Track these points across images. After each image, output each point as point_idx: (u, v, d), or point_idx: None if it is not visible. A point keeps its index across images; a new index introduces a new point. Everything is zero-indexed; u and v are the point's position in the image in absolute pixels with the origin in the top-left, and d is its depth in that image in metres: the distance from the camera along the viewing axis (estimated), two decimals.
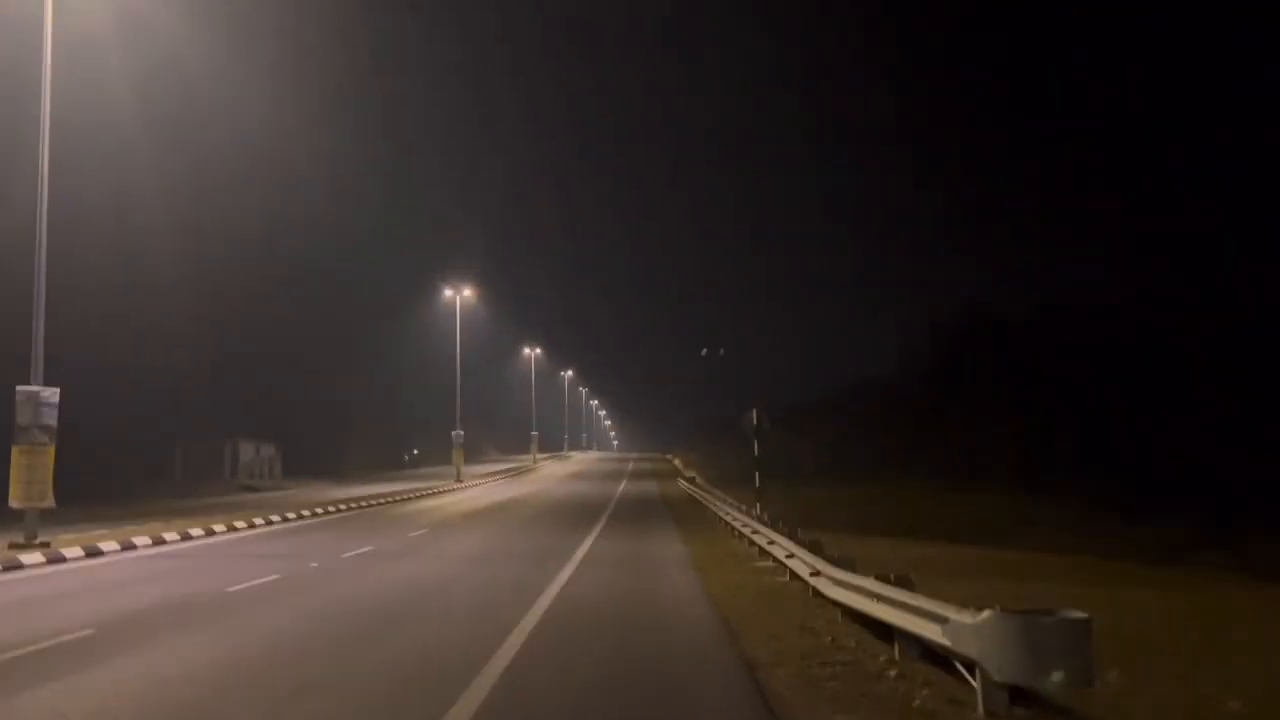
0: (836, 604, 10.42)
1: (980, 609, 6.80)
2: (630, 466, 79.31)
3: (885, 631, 8.99)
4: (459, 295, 58.16)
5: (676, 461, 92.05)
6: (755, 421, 26.92)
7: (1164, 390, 50.89)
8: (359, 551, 18.22)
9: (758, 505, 25.99)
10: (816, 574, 10.96)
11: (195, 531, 21.76)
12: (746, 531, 18.84)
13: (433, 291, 61.86)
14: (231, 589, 13.01)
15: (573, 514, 30.63)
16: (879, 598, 8.62)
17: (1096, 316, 63.00)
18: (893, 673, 8.05)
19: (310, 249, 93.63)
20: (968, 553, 21.29)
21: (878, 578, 8.94)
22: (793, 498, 38.15)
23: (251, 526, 24.44)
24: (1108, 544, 30.01)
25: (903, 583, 8.78)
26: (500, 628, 9.86)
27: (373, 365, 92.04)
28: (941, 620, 7.23)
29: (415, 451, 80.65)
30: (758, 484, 27.26)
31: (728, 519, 23.89)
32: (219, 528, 22.89)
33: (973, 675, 7.00)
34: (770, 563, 16.42)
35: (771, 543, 15.16)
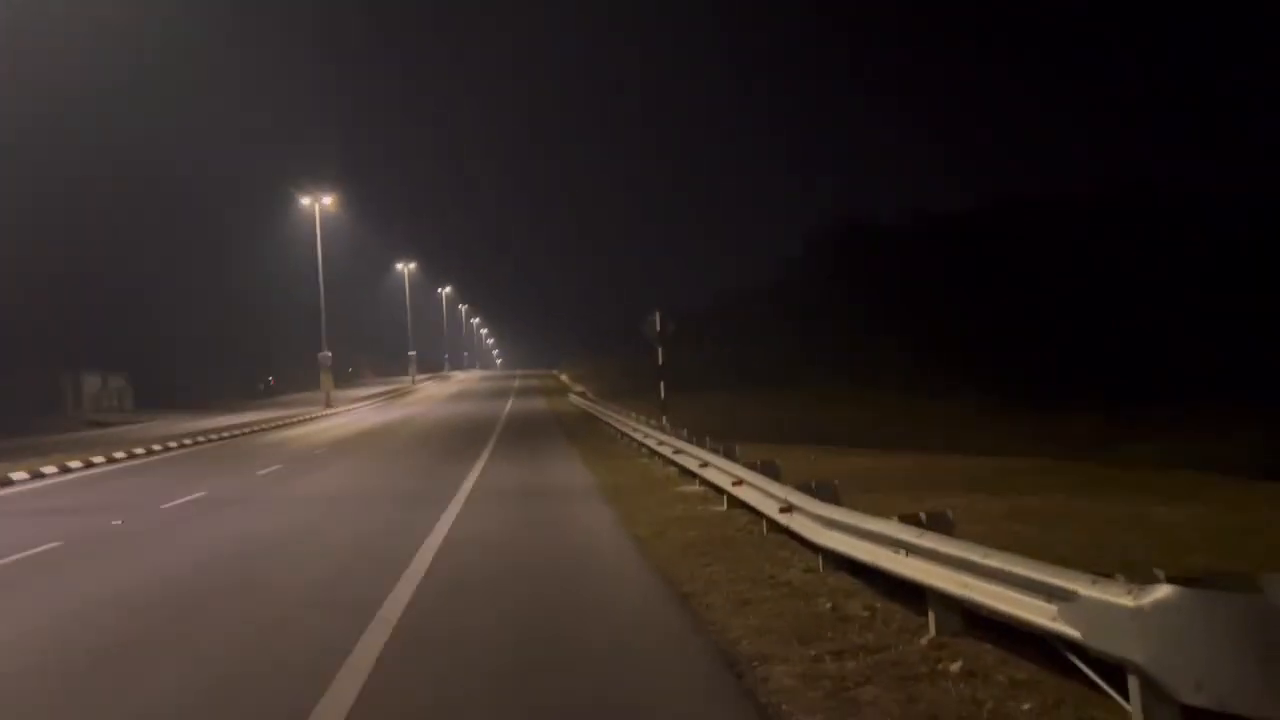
0: (820, 549, 7.61)
1: (1142, 584, 4.00)
2: (516, 384, 75.92)
3: (889, 582, 6.30)
4: (318, 204, 52.96)
5: (564, 377, 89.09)
6: (658, 326, 24.04)
7: (1027, 288, 50.86)
8: (186, 499, 14.63)
9: (664, 417, 23.26)
10: (788, 509, 8.09)
11: (17, 475, 17.67)
12: (664, 450, 16.00)
13: (290, 201, 56.28)
14: None
15: (455, 438, 27.34)
16: (915, 550, 5.78)
17: (963, 220, 63.07)
18: (954, 665, 5.26)
19: (154, 153, 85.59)
20: (904, 461, 19.01)
21: (902, 518, 6.10)
22: (695, 408, 35.74)
23: (64, 471, 20.37)
24: (1022, 440, 28.69)
25: (938, 523, 5.98)
26: (351, 621, 6.68)
27: (232, 285, 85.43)
28: (1063, 596, 4.43)
29: (271, 379, 75.34)
30: (663, 394, 24.46)
31: (633, 435, 21.07)
32: (18, 475, 18.80)
33: (1103, 677, 4.27)
34: (698, 486, 13.65)
35: (705, 464, 12.30)
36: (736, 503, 11.06)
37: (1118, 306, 46.51)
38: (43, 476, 19.36)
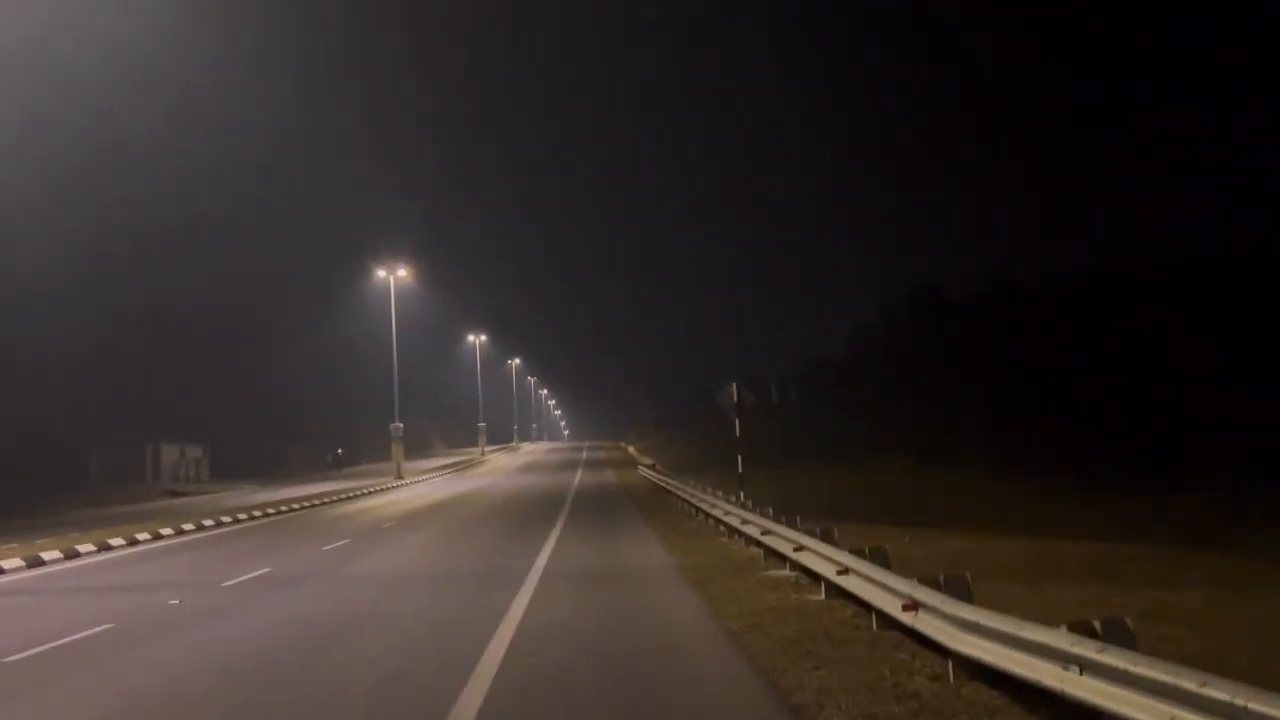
0: (951, 654, 6.54)
1: None
2: (584, 455, 75.21)
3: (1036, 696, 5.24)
4: (393, 275, 53.47)
5: (631, 449, 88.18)
6: (735, 397, 23.14)
7: (1117, 363, 48.80)
8: (249, 576, 13.97)
9: (740, 493, 22.19)
10: (912, 607, 7.03)
11: (49, 555, 17.28)
12: (749, 530, 14.94)
13: (365, 273, 56.99)
14: (9, 658, 8.76)
15: (526, 512, 26.54)
16: (1093, 668, 4.72)
17: (1041, 291, 61.28)
18: None
19: (230, 230, 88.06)
20: (1007, 545, 17.60)
21: (1072, 627, 5.05)
22: (769, 484, 34.49)
23: (132, 544, 19.98)
24: (1114, 525, 26.92)
25: (1116, 633, 4.94)
26: None
27: (308, 359, 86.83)
28: None
29: (340, 451, 75.74)
30: (740, 468, 23.43)
31: (711, 511, 20.01)
32: (85, 547, 18.44)
33: None
34: (789, 571, 12.59)
35: (799, 548, 11.24)
36: (836, 590, 9.99)
37: (1194, 384, 44.32)
38: (109, 549, 18.97)
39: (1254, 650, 7.44)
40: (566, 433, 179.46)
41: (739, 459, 23.33)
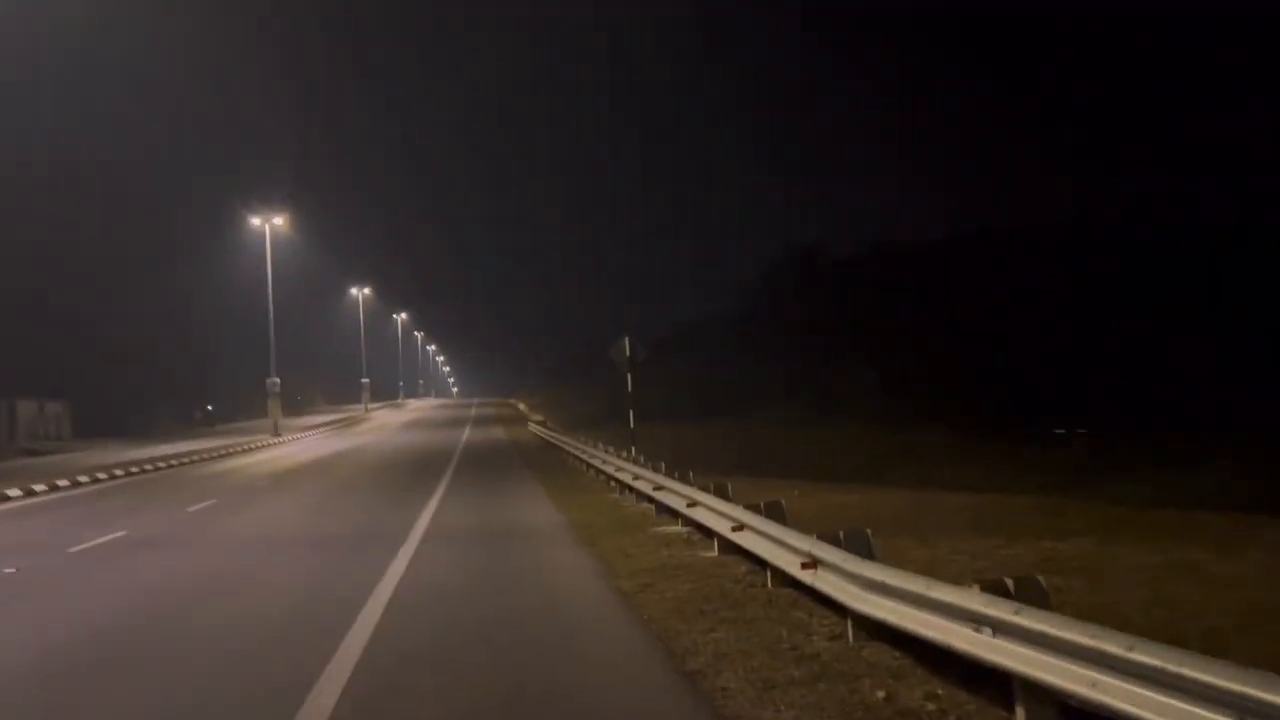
0: (854, 614, 6.21)
1: None
2: (473, 413, 73.98)
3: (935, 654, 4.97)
4: (268, 224, 51.05)
5: (522, 406, 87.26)
6: (628, 351, 22.67)
7: (994, 320, 50.48)
8: (100, 540, 12.86)
9: (632, 449, 21.83)
10: (811, 565, 6.68)
11: None
12: (640, 486, 14.55)
13: (239, 221, 54.25)
14: None
15: (410, 470, 25.66)
16: (1008, 630, 4.41)
17: (926, 251, 62.92)
18: None
19: (96, 162, 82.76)
20: (894, 498, 17.71)
21: (984, 586, 4.74)
22: (658, 438, 34.30)
23: (2, 500, 18.46)
24: (998, 476, 27.69)
25: (1030, 593, 4.65)
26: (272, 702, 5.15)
27: (178, 309, 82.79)
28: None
29: (209, 407, 72.82)
30: (632, 424, 23.05)
31: (602, 468, 19.59)
32: None
33: None
34: (680, 527, 12.27)
35: (693, 504, 10.89)
36: (729, 546, 9.67)
37: (1081, 339, 46.21)
38: None
39: (1140, 599, 7.38)
40: (455, 390, 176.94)
41: (630, 414, 22.94)
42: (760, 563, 8.54)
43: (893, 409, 45.72)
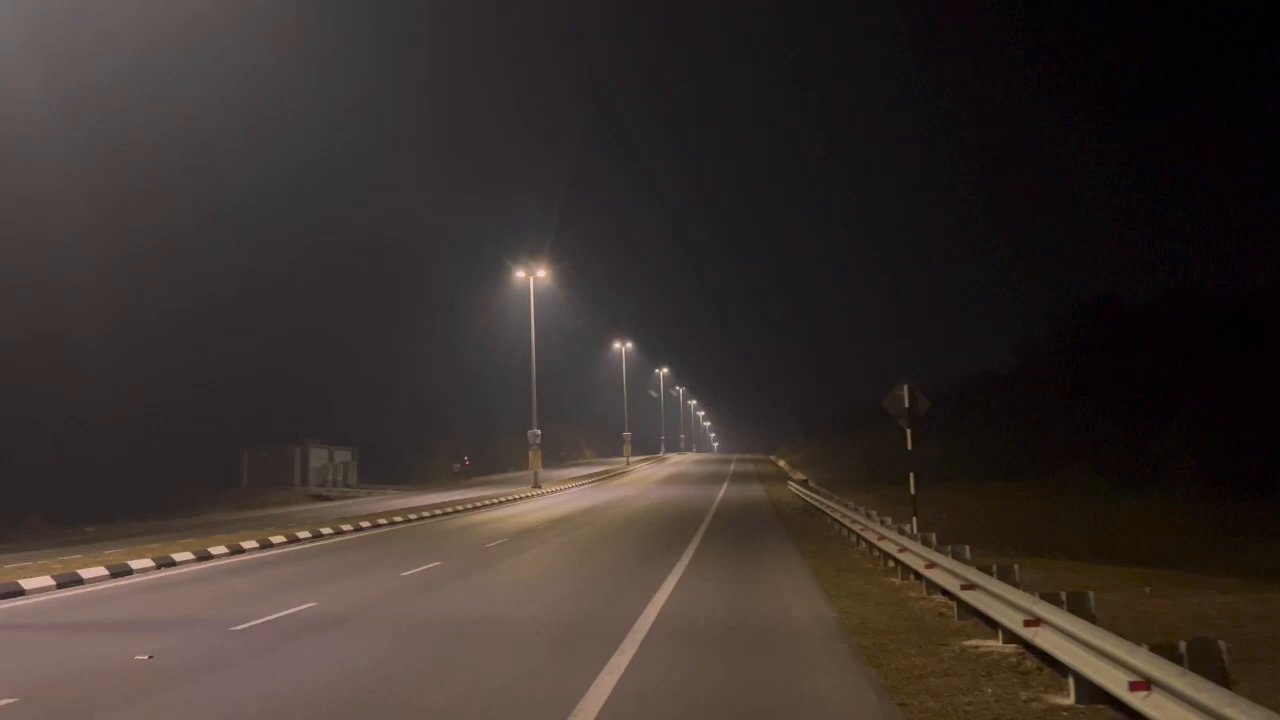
0: None
1: None
2: (731, 468, 71.30)
3: None
4: (533, 277, 51.18)
5: (782, 463, 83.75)
6: (906, 401, 18.90)
7: None
8: (276, 615, 10.90)
9: (914, 521, 18.01)
10: None
11: (89, 573, 14.83)
12: (939, 580, 10.93)
13: (503, 276, 55.01)
14: None
15: (658, 531, 23.06)
16: None
17: (1233, 302, 53.49)
18: None
19: (368, 228, 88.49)
20: None
21: None
22: (936, 503, 29.86)
23: (201, 559, 17.56)
24: None
25: None
26: None
27: (451, 367, 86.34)
28: None
29: (466, 460, 74.53)
30: (913, 488, 19.16)
31: (875, 542, 15.97)
32: (140, 563, 16.02)
33: None
34: (1002, 644, 8.66)
35: (1035, 622, 7.27)
36: (1097, 693, 6.07)
37: None
38: (172, 564, 16.58)
39: None
40: (716, 445, 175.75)
41: (911, 477, 19.08)
42: None
43: (1225, 479, 38.11)
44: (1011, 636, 8.54)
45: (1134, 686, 5.24)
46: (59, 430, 48.26)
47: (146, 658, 8.47)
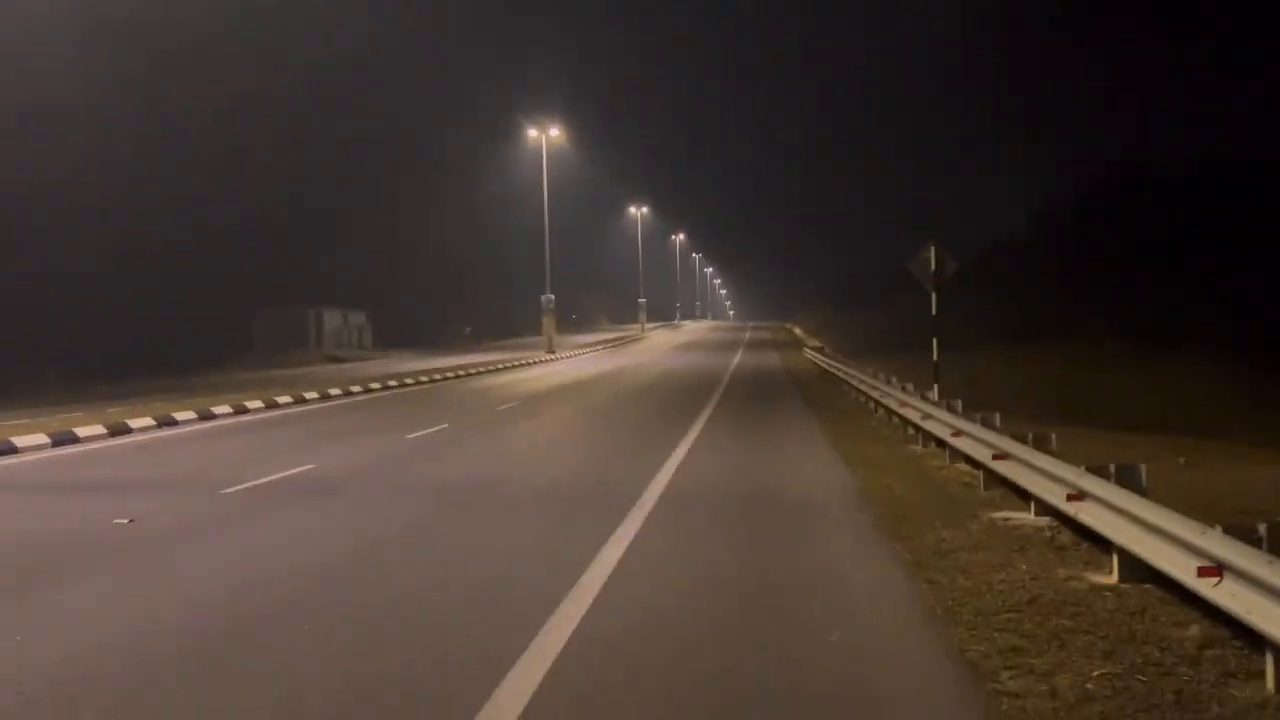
0: None
1: None
2: (747, 335, 70.88)
3: None
4: (545, 135, 49.60)
5: (798, 330, 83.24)
6: (933, 263, 18.02)
7: None
8: (271, 477, 10.47)
9: (935, 388, 17.42)
10: None
11: (138, 423, 14.88)
12: (963, 447, 10.35)
13: (516, 135, 53.38)
14: None
15: (671, 396, 22.64)
16: None
17: (1266, 169, 51.33)
18: None
19: (382, 84, 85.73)
20: None
21: None
22: (953, 371, 29.17)
23: (205, 418, 17.22)
24: None
25: None
26: None
27: (468, 231, 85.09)
28: None
29: (468, 330, 74.19)
30: (935, 355, 18.50)
31: (897, 409, 15.42)
32: (139, 422, 15.67)
33: None
34: (1033, 515, 8.14)
35: (1079, 495, 6.65)
36: (1140, 568, 5.51)
37: None
38: (174, 424, 16.25)
39: None
40: (731, 313, 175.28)
41: (934, 342, 18.38)
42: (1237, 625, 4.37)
43: (1246, 346, 37.13)
44: (1044, 509, 8.00)
45: (1203, 572, 4.62)
46: (76, 290, 47.99)
47: (126, 521, 8.02)
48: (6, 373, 34.88)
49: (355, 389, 24.08)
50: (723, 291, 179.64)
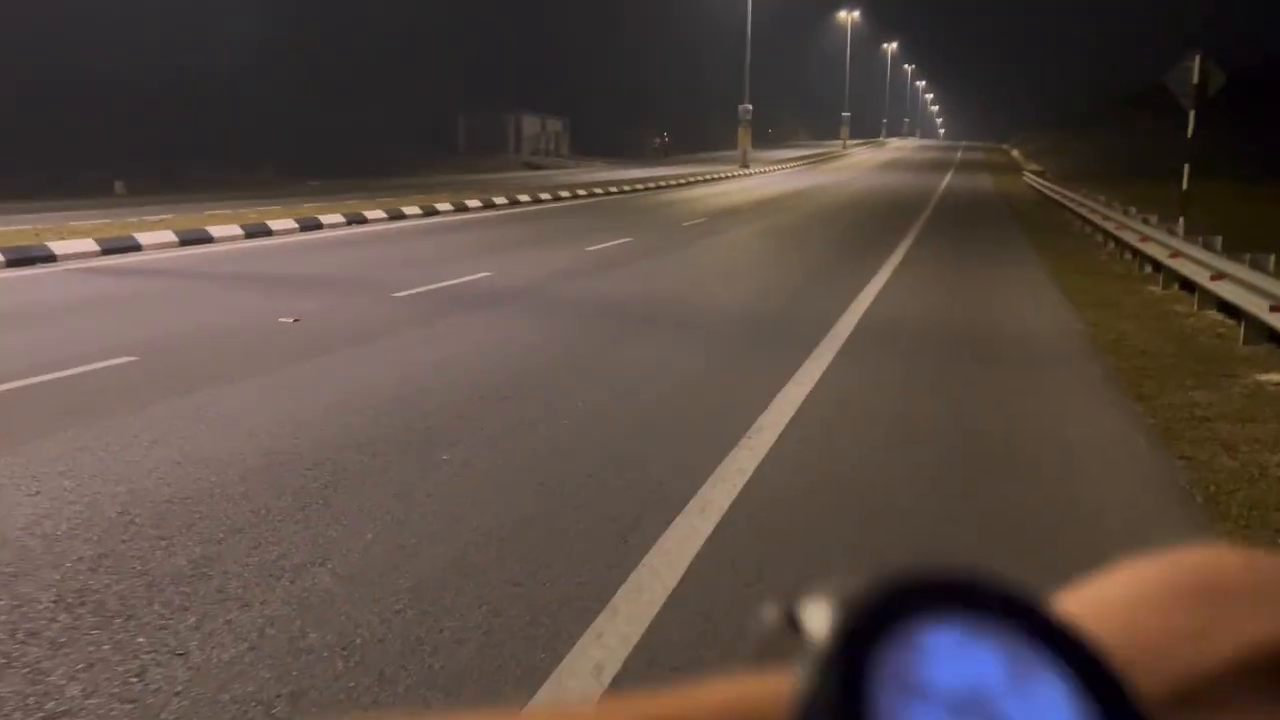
0: None
1: None
2: (959, 156, 66.19)
3: None
4: None
5: (1015, 153, 77.11)
6: (1195, 76, 15.40)
7: None
8: (443, 284, 10.11)
9: (1180, 222, 15.19)
10: None
11: (329, 219, 15.17)
12: (1222, 289, 8.74)
13: None
14: None
15: (870, 220, 21.09)
16: None
17: None
18: None
19: None
20: None
21: None
22: (1200, 207, 25.80)
23: (395, 218, 17.26)
24: None
25: None
26: None
27: (664, 38, 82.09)
28: None
29: (657, 141, 72.26)
30: (1185, 183, 16.07)
31: (1138, 246, 13.54)
32: (331, 218, 15.80)
33: None
34: None
35: None
36: None
37: None
38: (363, 222, 16.33)
39: None
40: (942, 132, 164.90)
41: (1185, 169, 15.94)
42: None
43: None
44: None
45: None
46: (293, 88, 49.63)
47: (292, 320, 7.81)
48: (225, 165, 36.70)
49: (545, 196, 23.75)
50: (934, 109, 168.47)
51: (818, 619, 0.18)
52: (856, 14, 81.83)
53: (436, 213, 18.52)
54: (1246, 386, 6.79)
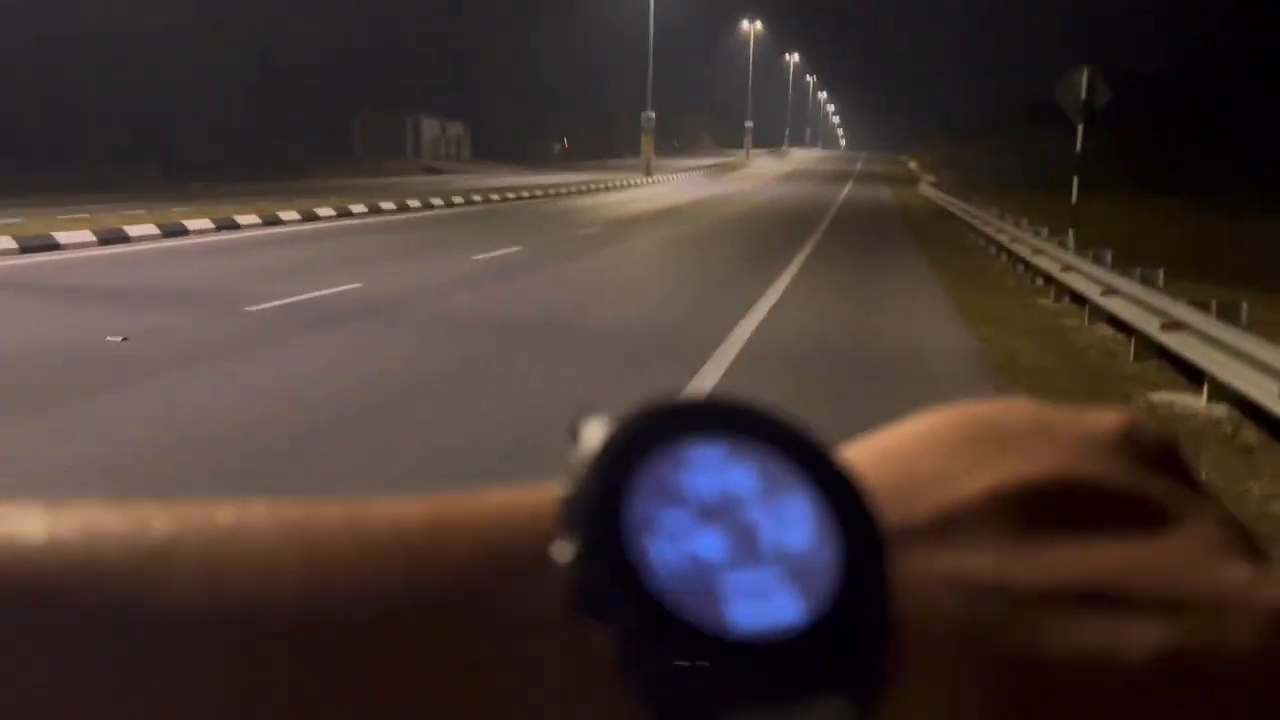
0: None
1: None
2: (858, 167, 67.34)
3: None
4: None
5: (913, 164, 78.89)
6: (1084, 90, 15.52)
7: None
8: (309, 295, 9.34)
9: (1070, 234, 15.29)
10: None
11: (196, 225, 14.22)
12: (1114, 305, 8.58)
13: None
14: None
15: (770, 231, 20.89)
16: None
17: None
18: None
19: None
20: None
21: None
22: (1091, 218, 26.43)
23: (270, 223, 16.29)
24: None
25: None
26: None
27: (568, 45, 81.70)
28: None
29: (558, 147, 71.94)
30: (1074, 196, 16.21)
31: (1030, 259, 13.55)
32: (197, 224, 14.78)
33: None
34: (1203, 401, 6.57)
35: None
36: None
37: None
38: (235, 228, 15.33)
39: None
40: (843, 142, 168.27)
41: (1074, 181, 16.09)
42: None
43: None
44: (1217, 392, 6.40)
45: None
46: (183, 88, 47.56)
47: (119, 339, 6.97)
48: (107, 166, 34.83)
49: (437, 201, 22.92)
50: (835, 119, 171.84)
51: (595, 434, 0.19)
52: (759, 24, 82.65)
53: (317, 218, 17.60)
54: (1138, 408, 6.56)
